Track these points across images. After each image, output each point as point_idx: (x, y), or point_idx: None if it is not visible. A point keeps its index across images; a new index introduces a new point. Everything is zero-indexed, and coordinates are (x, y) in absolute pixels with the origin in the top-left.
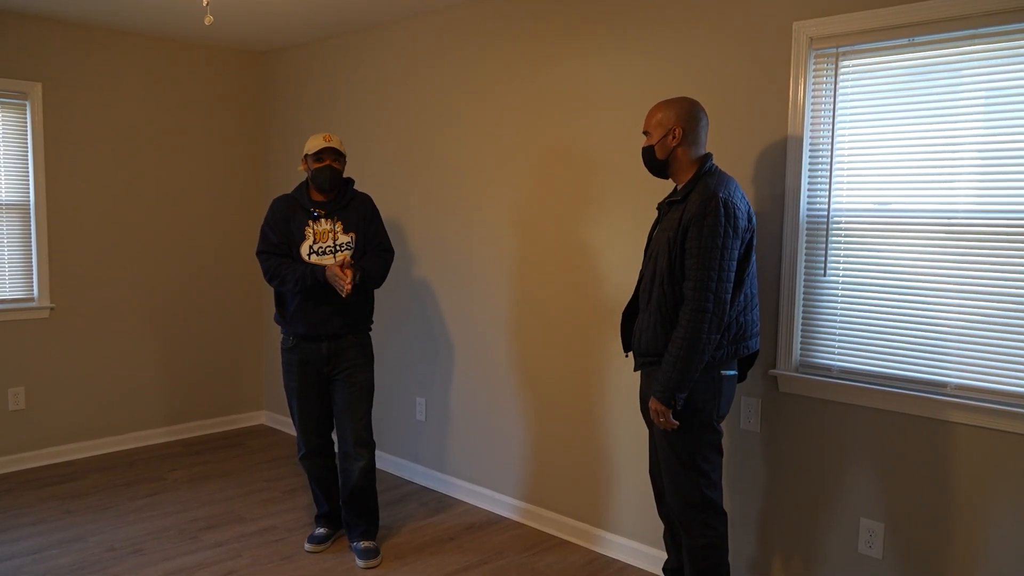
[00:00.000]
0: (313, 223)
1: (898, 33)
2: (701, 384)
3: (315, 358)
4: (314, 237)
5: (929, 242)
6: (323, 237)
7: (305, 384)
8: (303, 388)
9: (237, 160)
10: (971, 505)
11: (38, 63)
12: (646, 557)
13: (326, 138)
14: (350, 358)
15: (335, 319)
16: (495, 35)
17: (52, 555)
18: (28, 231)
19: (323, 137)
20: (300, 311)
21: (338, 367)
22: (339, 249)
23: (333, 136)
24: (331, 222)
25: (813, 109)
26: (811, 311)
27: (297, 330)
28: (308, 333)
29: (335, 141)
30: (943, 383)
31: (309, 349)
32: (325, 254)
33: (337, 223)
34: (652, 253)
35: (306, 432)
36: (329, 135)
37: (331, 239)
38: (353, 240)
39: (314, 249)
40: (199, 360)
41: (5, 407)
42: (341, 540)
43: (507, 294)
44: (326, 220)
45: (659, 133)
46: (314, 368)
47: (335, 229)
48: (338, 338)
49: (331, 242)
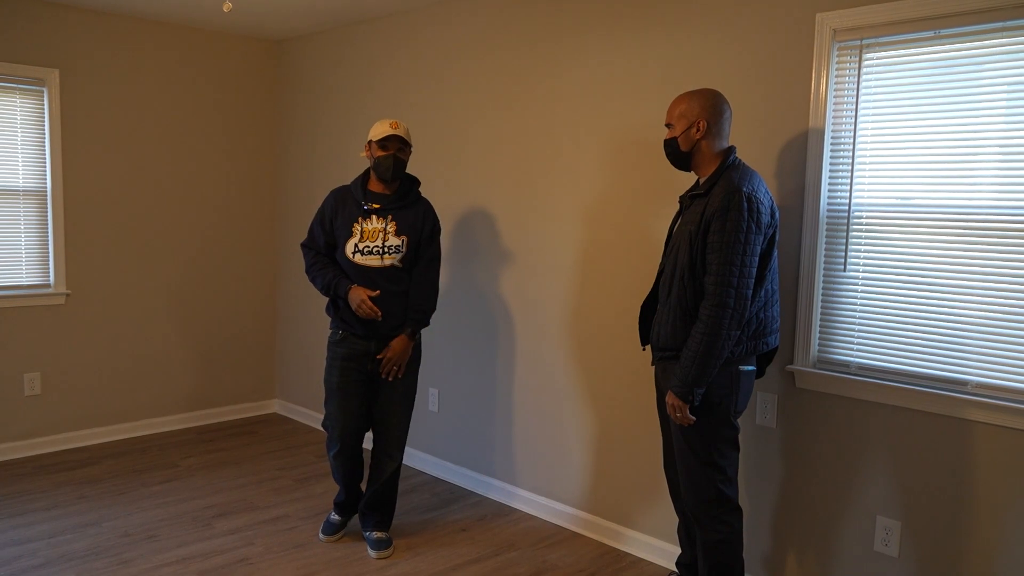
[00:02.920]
0: (363, 219)
1: (924, 25)
2: (719, 379)
3: (361, 354)
4: (361, 235)
5: (950, 238)
6: (372, 236)
7: (346, 381)
8: (344, 385)
9: (252, 148)
10: (990, 504)
11: (55, 50)
12: (659, 551)
13: (392, 124)
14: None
15: (388, 319)
16: (518, 24)
17: (67, 540)
18: (45, 217)
19: (390, 124)
20: (349, 309)
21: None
22: (387, 252)
23: (400, 123)
24: (383, 220)
25: (835, 102)
26: (830, 306)
27: (348, 325)
28: (358, 330)
29: (402, 129)
30: (963, 381)
31: (356, 345)
32: (371, 255)
33: (391, 222)
34: (673, 246)
35: (343, 432)
36: (396, 121)
37: (380, 239)
38: (404, 244)
39: (359, 248)
40: (213, 348)
41: (21, 392)
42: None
43: (526, 285)
44: (378, 218)
45: (683, 125)
46: (358, 364)
47: (387, 229)
48: (388, 337)
49: (380, 242)
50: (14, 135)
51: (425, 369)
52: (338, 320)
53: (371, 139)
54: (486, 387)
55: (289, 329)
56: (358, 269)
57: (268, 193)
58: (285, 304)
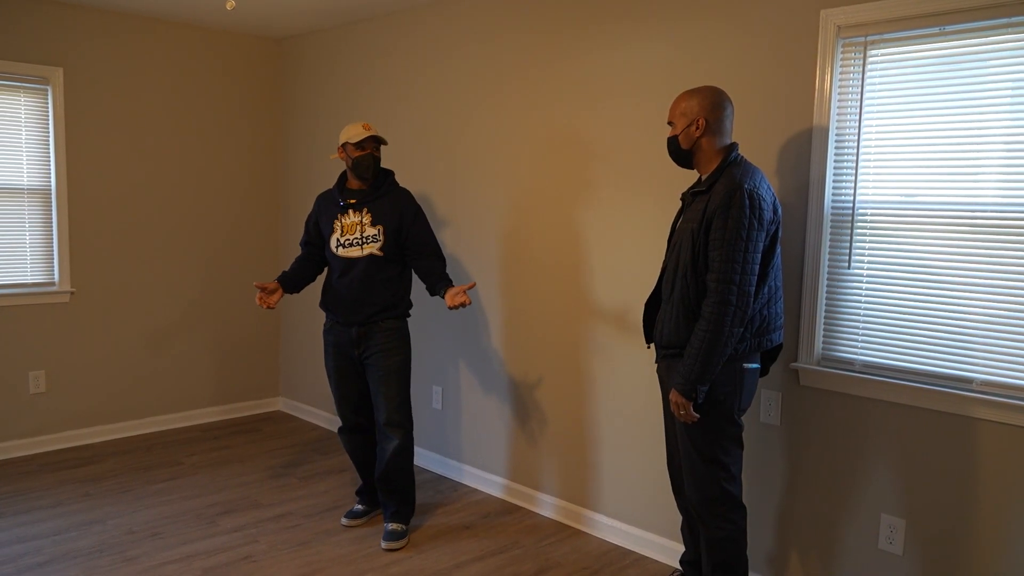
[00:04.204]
0: (341, 215)
1: (929, 22)
2: (722, 377)
3: (346, 341)
4: (342, 230)
5: (955, 235)
6: (350, 229)
7: (339, 365)
8: (337, 368)
9: (255, 146)
10: (994, 503)
11: (59, 48)
12: (662, 549)
13: (366, 126)
14: (380, 343)
15: (363, 308)
16: (517, 21)
17: (71, 537)
18: (49, 216)
19: (363, 125)
20: (332, 298)
21: (368, 351)
22: (366, 241)
23: (371, 124)
24: (359, 214)
25: (839, 99)
26: (834, 304)
27: (331, 315)
28: (339, 318)
29: (374, 129)
30: (969, 379)
31: (340, 332)
32: (352, 247)
33: (366, 214)
34: (675, 244)
35: (343, 409)
36: (367, 123)
37: (358, 231)
38: (381, 233)
39: (341, 242)
40: (217, 346)
41: (26, 390)
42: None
43: (527, 282)
44: (354, 212)
45: (683, 123)
46: (345, 350)
47: (363, 221)
48: (366, 324)
49: (358, 234)
50: (18, 133)
51: (428, 366)
52: (324, 308)
53: (347, 142)
54: (490, 384)
55: (293, 327)
56: (342, 261)
57: (271, 190)
58: (289, 302)
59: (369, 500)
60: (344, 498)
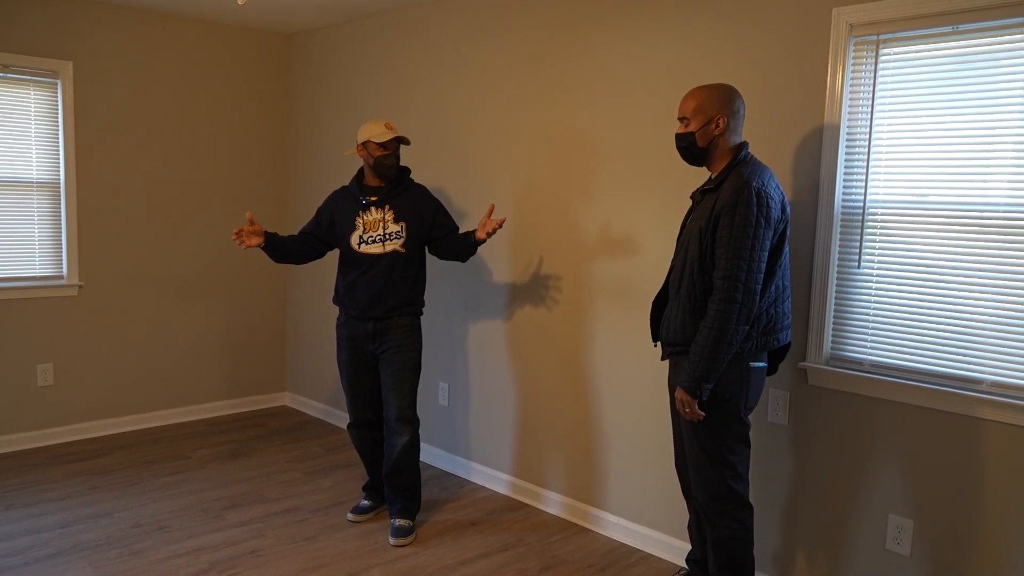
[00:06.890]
0: (363, 212)
1: (942, 21)
2: (729, 375)
3: (361, 336)
4: (364, 227)
5: (965, 235)
6: (373, 226)
7: (352, 359)
8: (350, 363)
9: (264, 141)
10: (1003, 504)
11: (69, 42)
12: (668, 547)
13: (388, 126)
14: (394, 338)
15: (382, 304)
16: (527, 17)
17: (79, 530)
18: (58, 209)
19: (385, 125)
20: (347, 293)
21: (383, 346)
22: (388, 238)
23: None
24: (381, 211)
25: (851, 98)
26: (843, 304)
27: (346, 310)
28: (355, 313)
29: (397, 130)
30: (978, 380)
31: (356, 327)
32: (374, 243)
33: (388, 211)
34: (684, 242)
35: (353, 404)
36: (389, 123)
37: (381, 228)
38: (403, 229)
39: (363, 239)
40: (223, 340)
41: (34, 383)
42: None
43: (535, 278)
44: (376, 209)
45: (700, 120)
46: (360, 345)
47: (385, 218)
48: (383, 319)
49: (381, 231)
50: (28, 127)
51: (435, 363)
52: (339, 304)
53: (369, 139)
54: (496, 381)
55: (300, 322)
56: (363, 258)
57: (279, 185)
58: (296, 297)
59: (375, 496)
60: (350, 493)
